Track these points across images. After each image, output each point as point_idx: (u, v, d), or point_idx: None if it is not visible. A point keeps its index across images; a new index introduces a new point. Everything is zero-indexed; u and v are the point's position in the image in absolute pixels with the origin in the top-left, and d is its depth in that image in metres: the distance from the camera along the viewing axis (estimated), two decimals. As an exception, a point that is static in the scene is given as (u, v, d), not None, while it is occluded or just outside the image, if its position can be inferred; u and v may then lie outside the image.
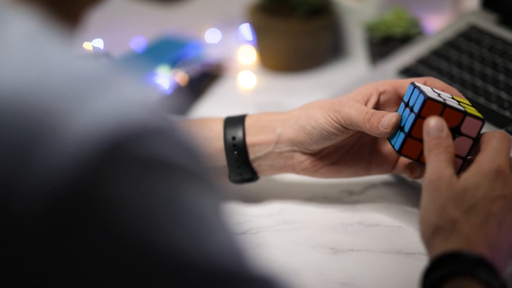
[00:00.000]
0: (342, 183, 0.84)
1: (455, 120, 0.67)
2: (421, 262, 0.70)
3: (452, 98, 0.70)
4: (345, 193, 0.83)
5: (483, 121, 0.67)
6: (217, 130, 0.76)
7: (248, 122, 0.77)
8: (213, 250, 0.40)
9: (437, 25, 1.12)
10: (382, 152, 0.77)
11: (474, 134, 0.67)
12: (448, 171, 0.62)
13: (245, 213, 0.80)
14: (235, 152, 0.76)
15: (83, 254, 0.37)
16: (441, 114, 0.67)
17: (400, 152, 0.69)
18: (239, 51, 1.17)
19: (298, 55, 1.10)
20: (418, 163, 0.69)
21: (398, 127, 0.70)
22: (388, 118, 0.69)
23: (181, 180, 0.39)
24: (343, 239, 0.75)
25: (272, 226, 0.78)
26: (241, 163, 0.76)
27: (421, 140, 0.66)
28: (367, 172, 0.78)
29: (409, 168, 0.72)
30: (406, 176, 0.73)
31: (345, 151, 0.77)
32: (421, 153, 0.68)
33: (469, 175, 0.62)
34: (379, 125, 0.69)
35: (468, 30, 0.99)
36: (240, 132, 0.76)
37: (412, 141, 0.68)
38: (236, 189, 0.82)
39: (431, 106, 0.67)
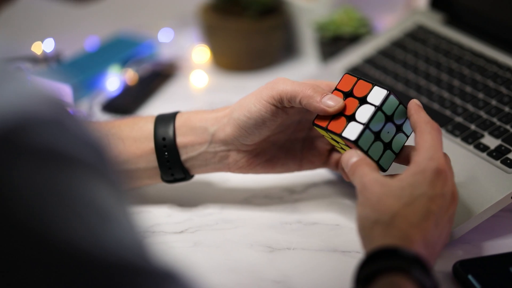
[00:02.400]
0: (284, 182, 0.84)
1: (364, 90, 0.69)
2: (356, 260, 0.71)
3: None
4: (286, 192, 0.83)
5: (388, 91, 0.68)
6: (148, 131, 0.75)
7: (178, 121, 0.75)
8: (112, 242, 0.40)
9: (389, 24, 1.12)
10: (313, 149, 0.78)
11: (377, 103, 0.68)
12: (375, 173, 0.64)
13: (186, 212, 0.80)
14: (166, 153, 0.75)
15: None
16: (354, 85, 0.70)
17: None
18: (192, 50, 1.17)
19: (250, 54, 1.11)
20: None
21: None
22: (337, 100, 0.69)
23: (78, 172, 0.39)
24: (280, 237, 0.76)
25: (211, 225, 0.78)
26: (172, 163, 0.75)
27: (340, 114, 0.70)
28: (300, 168, 0.78)
29: (342, 169, 0.73)
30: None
31: (278, 147, 0.77)
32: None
33: (406, 175, 0.63)
34: (322, 101, 0.69)
35: (415, 29, 1.00)
36: (170, 132, 0.74)
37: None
38: (179, 188, 0.82)
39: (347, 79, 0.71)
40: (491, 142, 0.80)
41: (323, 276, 0.71)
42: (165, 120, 0.75)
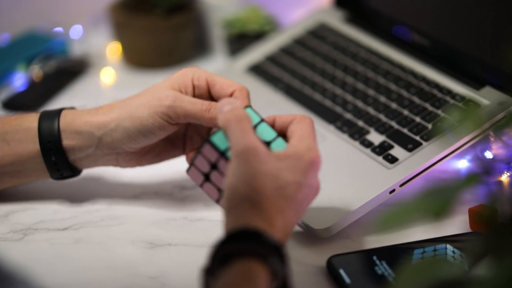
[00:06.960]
0: (175, 178, 0.85)
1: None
2: (234, 255, 0.72)
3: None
4: (177, 188, 0.84)
5: None
6: (33, 133, 0.74)
7: (63, 123, 0.74)
8: None
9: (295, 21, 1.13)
10: (194, 134, 0.78)
11: None
12: (256, 141, 0.62)
13: (73, 208, 0.80)
14: (53, 156, 0.74)
15: None
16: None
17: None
18: (103, 47, 1.17)
19: (159, 51, 1.11)
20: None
21: None
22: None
23: None
24: (163, 234, 0.76)
25: (96, 222, 0.78)
26: (60, 165, 0.75)
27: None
28: (184, 153, 0.79)
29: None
30: None
31: (164, 142, 0.78)
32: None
33: (285, 155, 0.63)
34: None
35: (317, 27, 1.01)
36: (55, 135, 0.74)
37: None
38: (70, 185, 0.82)
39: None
40: (376, 138, 0.81)
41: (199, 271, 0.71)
42: (49, 120, 0.74)
